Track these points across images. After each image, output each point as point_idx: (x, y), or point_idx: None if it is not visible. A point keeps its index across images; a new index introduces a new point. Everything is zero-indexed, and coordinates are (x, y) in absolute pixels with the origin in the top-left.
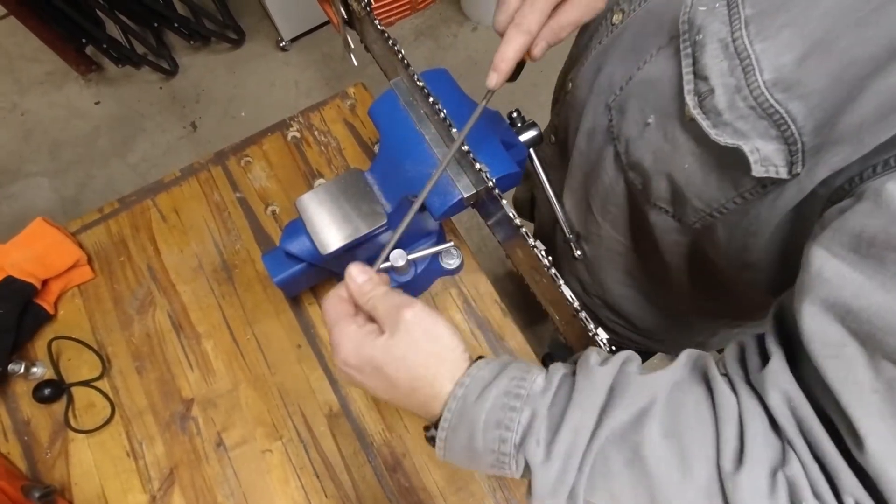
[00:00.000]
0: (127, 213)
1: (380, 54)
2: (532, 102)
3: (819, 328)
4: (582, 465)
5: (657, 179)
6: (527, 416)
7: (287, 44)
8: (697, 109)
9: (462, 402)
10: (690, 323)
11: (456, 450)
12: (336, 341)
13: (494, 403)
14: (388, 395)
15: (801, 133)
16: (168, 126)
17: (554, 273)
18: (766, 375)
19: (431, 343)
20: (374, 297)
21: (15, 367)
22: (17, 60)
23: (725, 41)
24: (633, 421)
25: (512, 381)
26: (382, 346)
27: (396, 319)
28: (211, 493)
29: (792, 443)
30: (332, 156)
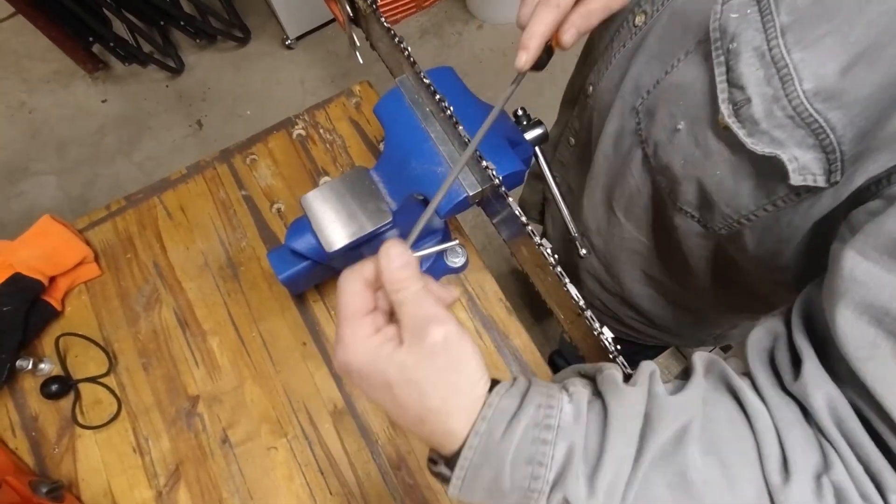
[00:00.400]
0: (133, 211)
1: (385, 52)
2: (537, 101)
3: (855, 332)
4: (626, 495)
5: (686, 184)
6: (562, 450)
7: (293, 42)
8: (732, 118)
9: (486, 439)
10: (710, 318)
11: (476, 490)
12: (344, 338)
13: (523, 438)
14: (391, 413)
15: (840, 142)
16: (174, 124)
17: (560, 272)
18: (806, 380)
19: (455, 374)
20: (404, 293)
21: (23, 364)
22: (24, 59)
23: (761, 49)
24: (672, 443)
25: (539, 409)
26: (398, 363)
27: (422, 336)
28: (216, 490)
29: (836, 445)
30: (338, 154)
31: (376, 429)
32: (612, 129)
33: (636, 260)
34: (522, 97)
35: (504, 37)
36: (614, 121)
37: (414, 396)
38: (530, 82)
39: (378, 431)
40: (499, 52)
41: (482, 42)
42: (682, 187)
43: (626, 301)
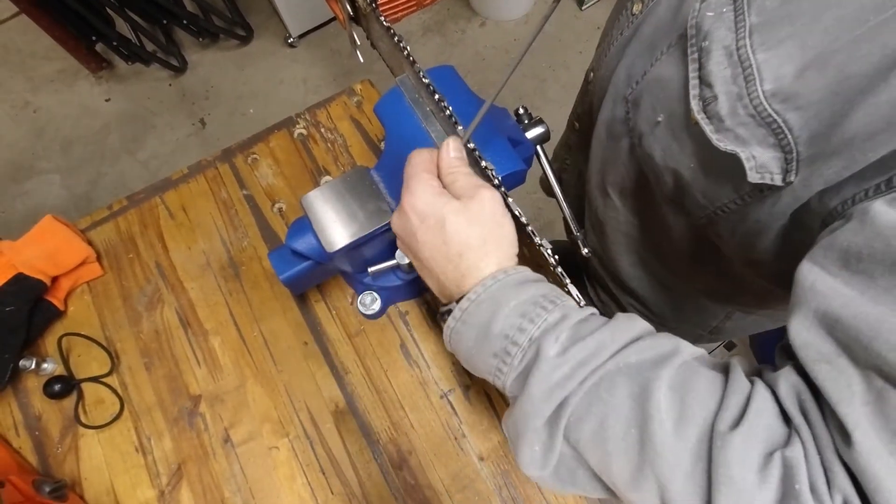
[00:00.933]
0: (135, 211)
1: (386, 51)
2: (540, 98)
3: (810, 338)
4: (587, 379)
5: (666, 175)
6: (556, 316)
7: (295, 40)
8: (702, 114)
9: (499, 284)
10: (704, 306)
11: (469, 324)
12: (413, 186)
13: (528, 298)
14: (433, 253)
15: (796, 143)
16: (177, 123)
17: (560, 272)
18: (778, 373)
19: (496, 227)
20: (458, 172)
21: (26, 363)
22: (29, 58)
23: (730, 49)
24: (651, 361)
25: (552, 290)
26: (455, 207)
27: (474, 193)
28: (218, 490)
29: (798, 430)
30: (339, 153)
31: (378, 428)
32: (605, 116)
33: (630, 243)
34: (525, 94)
35: (507, 34)
36: (607, 108)
37: (461, 233)
38: (533, 79)
39: (380, 431)
40: (502, 49)
41: (485, 39)
42: (664, 178)
43: (623, 285)
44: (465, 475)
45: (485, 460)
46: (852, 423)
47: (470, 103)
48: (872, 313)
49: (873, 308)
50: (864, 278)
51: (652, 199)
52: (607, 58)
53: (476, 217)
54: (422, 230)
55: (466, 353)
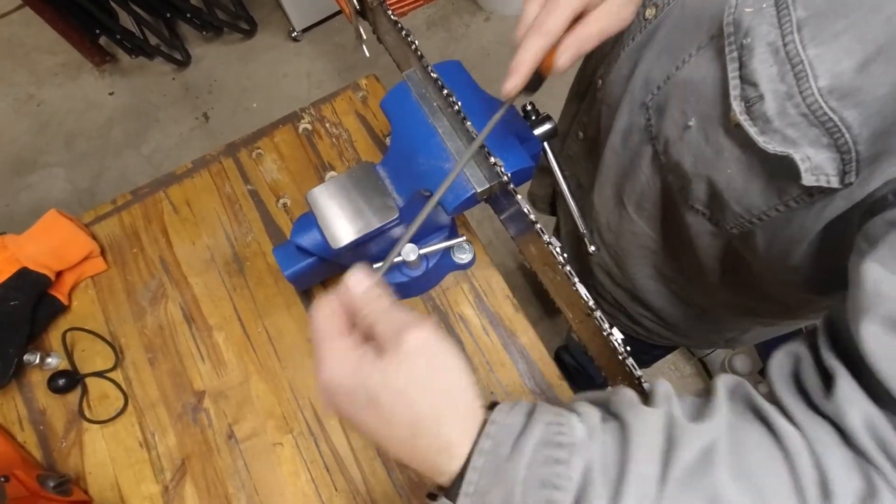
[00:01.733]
0: (139, 205)
1: (392, 45)
2: (547, 95)
3: (886, 348)
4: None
5: (696, 183)
6: (578, 470)
7: (299, 34)
8: (744, 115)
9: (493, 459)
10: (721, 319)
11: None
12: (323, 359)
13: (534, 458)
14: (382, 435)
15: (855, 142)
16: (181, 117)
17: (569, 271)
18: (839, 398)
19: (439, 379)
20: (374, 311)
21: (30, 358)
22: (32, 52)
23: (776, 45)
24: (699, 463)
25: (549, 427)
26: (381, 373)
27: (400, 342)
28: (222, 485)
29: (878, 466)
30: (344, 148)
31: None
32: (621, 124)
33: (647, 256)
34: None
35: (512, 28)
36: (623, 116)
37: (401, 406)
38: None
39: None
40: (506, 43)
41: (490, 34)
42: (693, 185)
43: (637, 297)
44: None
45: None
46: None
47: (478, 99)
48: None
49: None
50: None
51: (675, 211)
52: (618, 64)
53: (412, 378)
54: (355, 411)
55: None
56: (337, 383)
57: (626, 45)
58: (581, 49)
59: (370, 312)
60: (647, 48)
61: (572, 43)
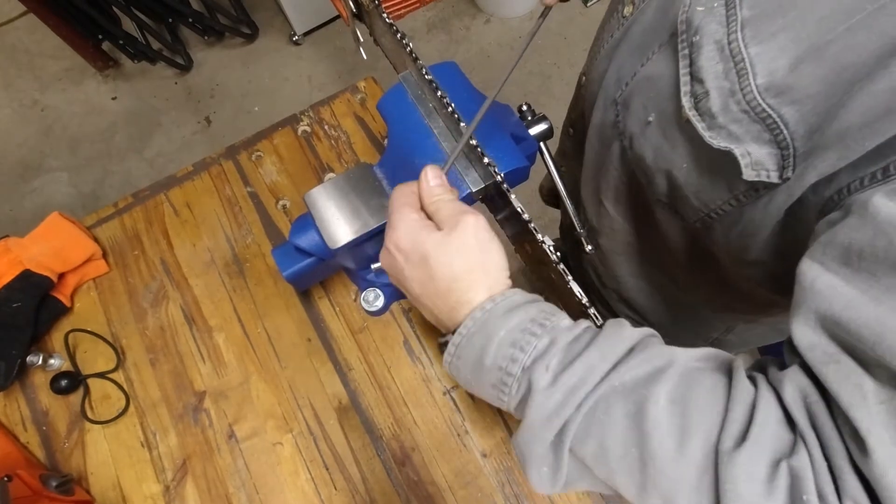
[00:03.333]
0: (141, 208)
1: (389, 48)
2: (545, 95)
3: (815, 339)
4: (582, 404)
5: (658, 177)
6: (544, 342)
7: (300, 38)
8: (693, 111)
9: (487, 315)
10: (704, 317)
11: (464, 358)
12: (395, 223)
13: (517, 325)
14: (423, 289)
15: (793, 138)
16: (183, 121)
17: (562, 269)
18: (784, 373)
19: (482, 253)
20: (440, 200)
21: (33, 359)
22: (37, 57)
23: (721, 43)
24: (645, 378)
25: (541, 311)
26: (437, 240)
27: (457, 221)
28: (223, 485)
29: (804, 436)
30: (343, 150)
31: (381, 425)
32: (596, 120)
33: (628, 252)
34: (530, 92)
35: (512, 31)
36: (598, 112)
37: (447, 266)
38: (538, 76)
39: (383, 427)
40: (506, 46)
41: (490, 36)
42: (656, 180)
43: (622, 297)
44: (468, 472)
45: (488, 457)
46: (865, 428)
47: (473, 100)
48: (874, 315)
49: (875, 309)
50: (866, 276)
51: (646, 205)
52: (597, 61)
53: (460, 247)
54: (408, 267)
55: (466, 385)
56: (402, 244)
57: (606, 42)
58: None
59: (438, 199)
60: (621, 45)
61: None
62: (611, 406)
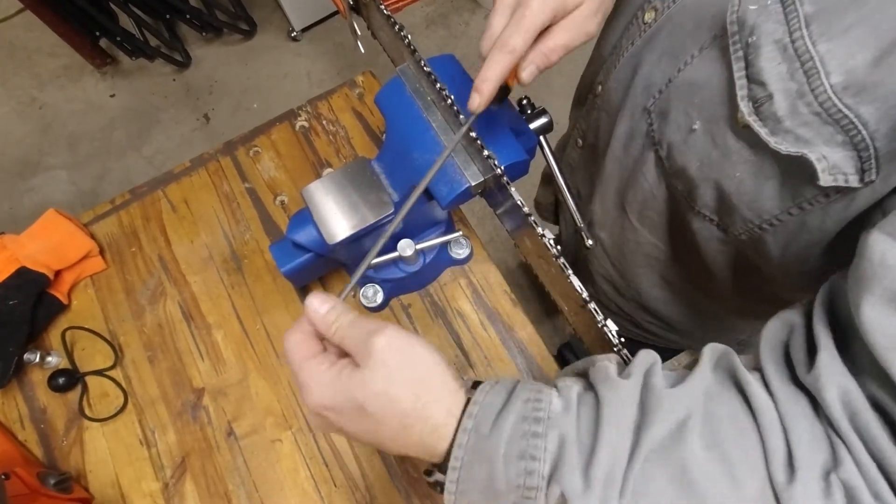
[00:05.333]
0: (138, 204)
1: (387, 41)
2: (545, 90)
3: (884, 320)
4: (623, 489)
5: (703, 187)
6: (554, 441)
7: (298, 34)
8: (753, 116)
9: (475, 436)
10: (732, 323)
11: (471, 492)
12: (305, 383)
13: (513, 432)
14: (377, 437)
15: (873, 138)
16: (182, 118)
17: (563, 262)
18: (819, 371)
19: (412, 370)
20: (340, 328)
21: (30, 357)
22: (34, 55)
23: (783, 42)
24: (671, 436)
25: (527, 403)
26: (359, 381)
27: (369, 350)
28: (222, 482)
29: (846, 439)
30: (341, 145)
31: None
32: (622, 130)
33: (653, 265)
34: (530, 88)
35: None
36: (624, 122)
37: (386, 405)
38: None
39: None
40: None
41: None
42: (700, 191)
43: (644, 306)
44: None
45: None
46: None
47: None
48: None
49: None
50: None
51: (681, 219)
52: (617, 70)
53: (388, 376)
54: (347, 423)
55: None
56: (323, 403)
57: (626, 50)
58: (545, 62)
59: (336, 330)
60: (647, 52)
61: (535, 57)
62: (650, 479)
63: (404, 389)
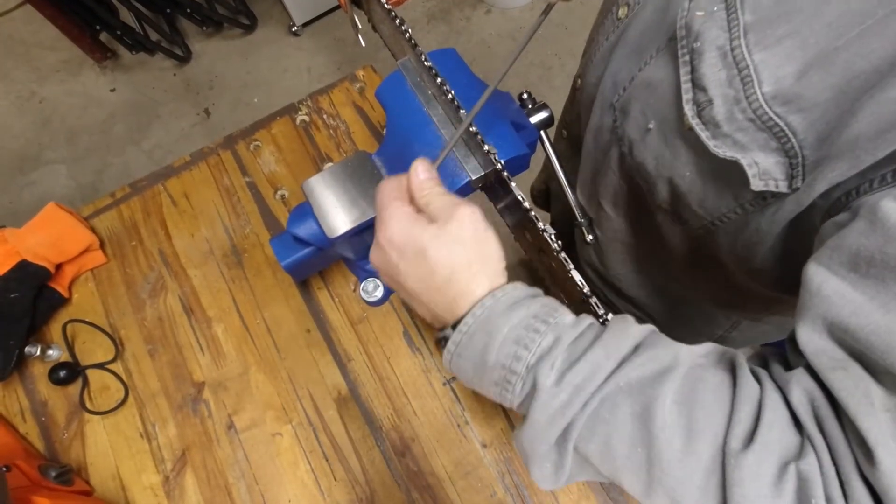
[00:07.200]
0: (138, 198)
1: (387, 35)
2: (545, 85)
3: (822, 345)
4: (588, 403)
5: (660, 184)
6: (549, 340)
7: (299, 28)
8: (696, 120)
9: (489, 312)
10: (708, 313)
11: (465, 356)
12: (385, 218)
13: (520, 321)
14: (421, 283)
15: (801, 146)
16: (182, 113)
17: (564, 257)
18: (790, 375)
19: (479, 244)
20: (431, 194)
21: (31, 350)
22: (34, 49)
23: (724, 49)
24: (651, 377)
25: (543, 307)
26: (433, 232)
27: (452, 213)
28: (222, 475)
29: (812, 440)
30: (341, 139)
31: (380, 416)
32: (593, 124)
33: (627, 251)
34: (531, 82)
35: (512, 21)
36: (595, 116)
37: (445, 258)
38: (539, 67)
39: (382, 418)
40: (507, 36)
41: (490, 27)
42: (657, 187)
43: (623, 293)
44: (468, 462)
45: (488, 447)
46: (873, 438)
47: (473, 87)
48: (883, 323)
49: (884, 316)
50: (875, 283)
51: (646, 209)
52: (593, 64)
53: (457, 238)
54: (403, 263)
55: (467, 381)
56: (393, 239)
57: (601, 45)
58: None
59: (429, 193)
60: (617, 48)
61: None
62: (616, 406)
63: (463, 254)
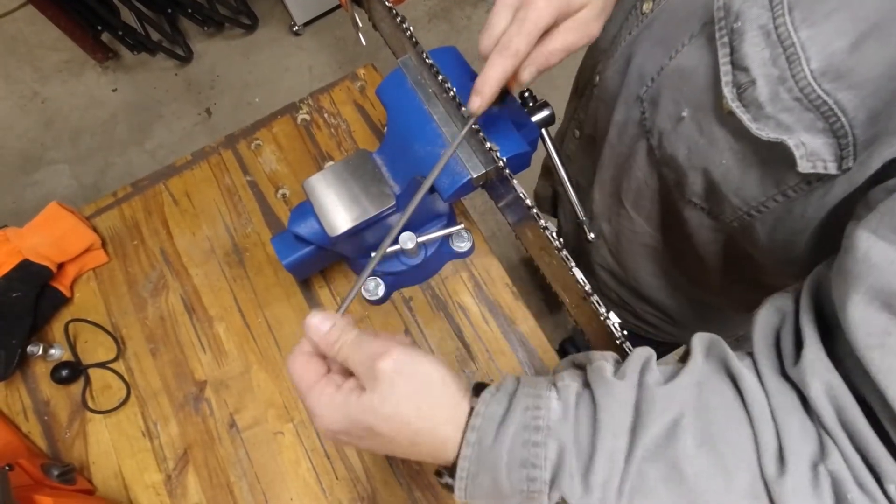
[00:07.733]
0: (140, 198)
1: (388, 33)
2: (547, 84)
3: (865, 317)
4: (621, 490)
5: (692, 175)
6: (554, 449)
7: (300, 28)
8: (736, 102)
9: (478, 448)
10: (728, 316)
11: (479, 495)
12: (313, 408)
13: (514, 442)
14: (388, 451)
15: (852, 125)
16: (184, 112)
17: (565, 255)
18: (804, 367)
19: (421, 391)
20: (343, 346)
21: (34, 349)
22: (36, 49)
23: (767, 28)
24: (665, 435)
25: (526, 412)
26: (368, 406)
27: (374, 373)
28: (224, 474)
29: (832, 433)
30: (342, 138)
31: None
32: (617, 119)
33: (649, 254)
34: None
35: None
36: (620, 111)
37: (397, 426)
38: None
39: None
40: None
41: None
42: (689, 179)
43: (641, 295)
44: None
45: None
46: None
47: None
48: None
49: None
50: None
51: (673, 207)
52: (614, 59)
53: (398, 400)
54: (358, 441)
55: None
56: (333, 428)
57: (623, 39)
58: (546, 64)
59: (340, 349)
60: (641, 41)
61: (537, 59)
62: (645, 478)
63: (413, 412)
